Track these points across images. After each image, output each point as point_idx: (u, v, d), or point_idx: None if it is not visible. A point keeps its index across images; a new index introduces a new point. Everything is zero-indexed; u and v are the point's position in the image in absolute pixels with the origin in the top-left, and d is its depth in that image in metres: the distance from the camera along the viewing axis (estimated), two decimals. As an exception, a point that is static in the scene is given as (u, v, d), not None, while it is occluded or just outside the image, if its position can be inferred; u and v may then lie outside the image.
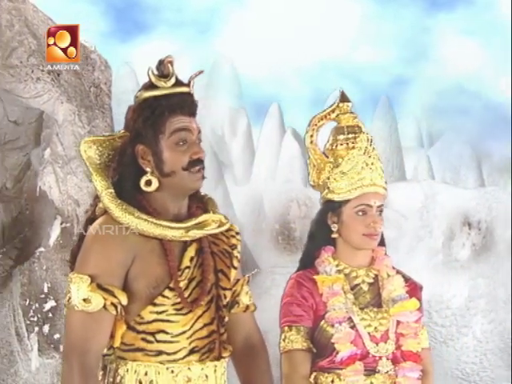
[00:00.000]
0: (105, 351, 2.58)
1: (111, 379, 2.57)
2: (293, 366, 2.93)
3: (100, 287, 2.50)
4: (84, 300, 2.49)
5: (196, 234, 2.62)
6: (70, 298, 2.52)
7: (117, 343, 2.56)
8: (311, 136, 3.13)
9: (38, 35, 6.14)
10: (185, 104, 2.63)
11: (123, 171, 2.64)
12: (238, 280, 2.79)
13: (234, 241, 2.76)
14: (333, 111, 3.11)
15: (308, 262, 3.07)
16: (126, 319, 2.55)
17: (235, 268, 2.74)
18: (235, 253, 2.75)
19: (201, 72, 2.79)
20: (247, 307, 2.81)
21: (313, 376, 2.96)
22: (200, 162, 2.63)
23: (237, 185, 14.18)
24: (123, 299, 2.52)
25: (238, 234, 2.79)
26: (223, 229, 2.70)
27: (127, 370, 2.55)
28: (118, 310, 2.52)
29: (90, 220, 2.64)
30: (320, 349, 2.96)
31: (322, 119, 3.13)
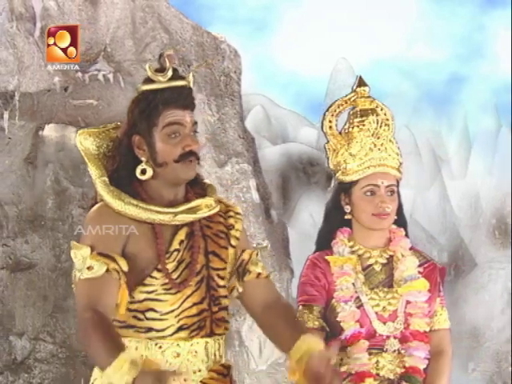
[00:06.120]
0: None
1: None
2: None
3: (101, 254, 2.66)
4: (87, 268, 2.65)
5: (184, 218, 2.75)
6: (75, 273, 2.68)
7: (122, 311, 2.69)
8: (330, 122, 3.19)
9: (171, 30, 6.39)
10: (180, 97, 2.75)
11: (121, 160, 2.79)
12: (244, 250, 2.86)
13: (231, 221, 2.86)
14: (351, 97, 3.17)
15: (324, 243, 3.14)
16: None
17: (233, 246, 2.84)
18: (233, 232, 2.85)
19: (206, 62, 2.94)
20: (259, 274, 2.86)
21: (326, 354, 3.04)
22: (192, 153, 2.74)
23: (453, 180, 14.00)
24: (123, 265, 2.66)
25: (237, 214, 2.89)
26: (211, 212, 2.80)
27: None
28: (120, 275, 2.66)
29: (93, 205, 2.82)
30: (332, 327, 3.03)
31: (340, 105, 3.19)
